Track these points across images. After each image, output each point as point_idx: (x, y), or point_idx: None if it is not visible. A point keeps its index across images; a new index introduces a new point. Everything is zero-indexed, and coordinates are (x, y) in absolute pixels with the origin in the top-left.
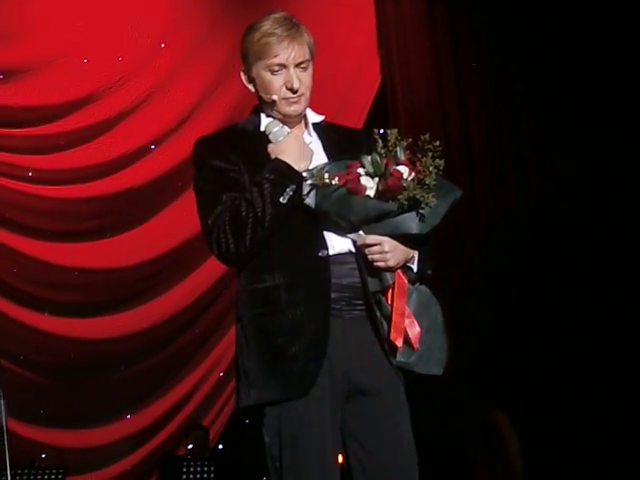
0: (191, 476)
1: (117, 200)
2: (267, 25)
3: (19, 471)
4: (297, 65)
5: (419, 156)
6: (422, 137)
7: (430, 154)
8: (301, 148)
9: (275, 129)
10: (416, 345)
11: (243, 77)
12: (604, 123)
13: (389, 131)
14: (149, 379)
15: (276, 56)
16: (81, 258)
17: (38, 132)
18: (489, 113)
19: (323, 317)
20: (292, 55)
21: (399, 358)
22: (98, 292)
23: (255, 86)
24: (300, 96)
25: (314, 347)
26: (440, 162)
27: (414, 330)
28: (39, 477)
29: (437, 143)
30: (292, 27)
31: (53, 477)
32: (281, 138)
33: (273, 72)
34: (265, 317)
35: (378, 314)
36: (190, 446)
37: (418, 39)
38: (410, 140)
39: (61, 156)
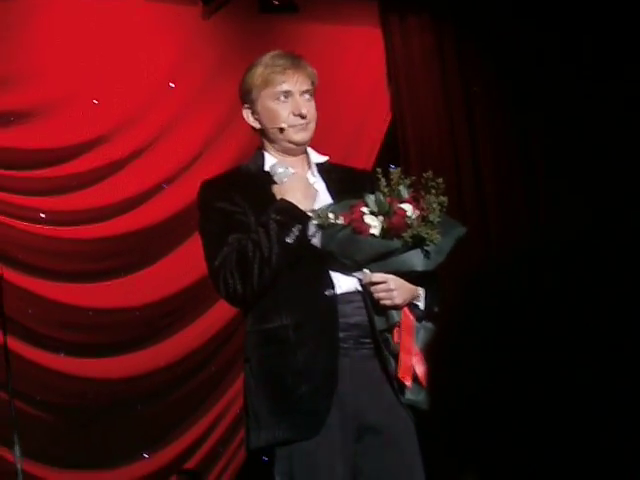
0: None
1: (130, 240)
2: (268, 59)
3: None
4: (302, 93)
5: (422, 193)
6: (425, 174)
7: (433, 191)
8: (306, 188)
9: (280, 170)
10: (425, 383)
11: (246, 114)
12: (622, 160)
13: (392, 169)
14: (166, 418)
15: (283, 83)
16: (96, 298)
17: (49, 174)
18: (501, 147)
19: (332, 356)
20: (298, 82)
21: (408, 396)
22: (113, 332)
23: (260, 121)
24: (308, 124)
25: (323, 387)
26: (444, 199)
27: (422, 368)
28: None
29: (440, 180)
30: (294, 58)
31: None
32: (285, 179)
33: (279, 100)
34: (273, 357)
35: (385, 352)
36: None
37: (427, 73)
38: (414, 178)
39: (73, 197)
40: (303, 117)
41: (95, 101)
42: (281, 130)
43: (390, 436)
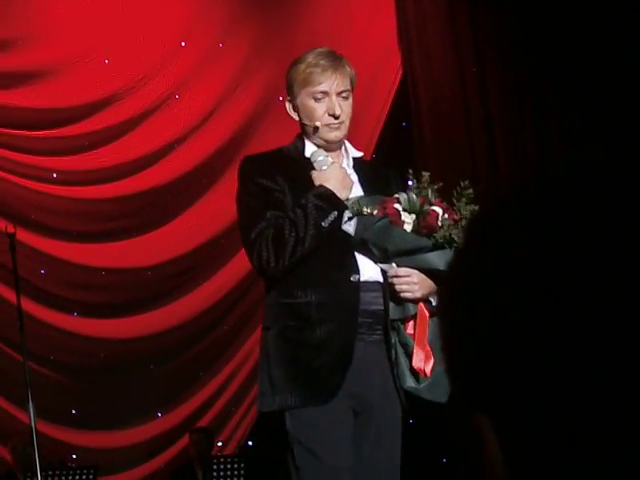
0: (222, 473)
1: (142, 199)
2: (311, 57)
3: (50, 472)
4: (339, 94)
5: (454, 200)
6: (462, 183)
7: (464, 199)
8: (344, 178)
9: (320, 158)
10: (429, 374)
11: (288, 106)
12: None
13: (423, 173)
14: (179, 377)
15: (320, 84)
16: (108, 258)
17: (62, 133)
18: (513, 105)
19: (349, 337)
20: (335, 84)
21: (410, 383)
22: (126, 292)
23: (299, 114)
24: (341, 123)
25: (339, 361)
26: (475, 207)
27: (430, 361)
28: (70, 477)
29: (470, 190)
30: (335, 59)
31: (84, 477)
32: (325, 167)
33: (316, 99)
34: (293, 330)
35: (394, 339)
36: (220, 443)
37: (439, 33)
38: (441, 184)
39: (85, 157)
40: (336, 118)
41: (106, 60)
42: (315, 129)
43: (379, 417)
